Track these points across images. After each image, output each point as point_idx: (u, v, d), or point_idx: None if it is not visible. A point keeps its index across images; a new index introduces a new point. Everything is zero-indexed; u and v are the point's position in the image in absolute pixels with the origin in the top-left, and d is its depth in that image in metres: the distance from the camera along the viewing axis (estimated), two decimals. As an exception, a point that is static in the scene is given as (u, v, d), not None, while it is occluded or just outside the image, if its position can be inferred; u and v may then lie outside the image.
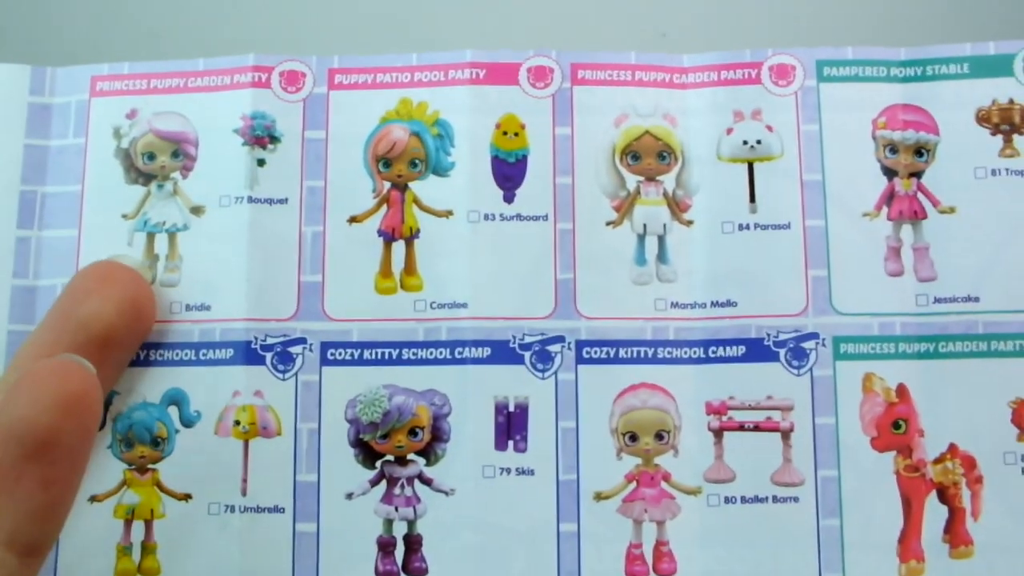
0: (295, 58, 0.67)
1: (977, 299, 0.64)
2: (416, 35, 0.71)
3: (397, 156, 0.66)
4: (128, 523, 0.63)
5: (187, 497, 0.63)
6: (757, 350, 0.64)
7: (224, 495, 0.62)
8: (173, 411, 0.63)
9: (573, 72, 0.67)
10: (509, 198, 0.65)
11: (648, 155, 0.66)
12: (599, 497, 0.63)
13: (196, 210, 0.65)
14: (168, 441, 0.63)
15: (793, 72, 0.67)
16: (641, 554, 0.63)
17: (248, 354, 0.63)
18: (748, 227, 0.65)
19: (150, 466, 0.63)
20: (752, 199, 0.66)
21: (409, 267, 0.65)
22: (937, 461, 0.63)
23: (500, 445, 0.63)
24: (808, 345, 0.64)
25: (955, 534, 0.63)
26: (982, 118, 0.66)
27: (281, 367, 0.63)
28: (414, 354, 0.64)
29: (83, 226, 0.66)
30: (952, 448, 0.63)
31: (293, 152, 0.66)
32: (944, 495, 0.63)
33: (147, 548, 0.63)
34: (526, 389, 0.64)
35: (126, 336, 0.61)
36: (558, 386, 0.64)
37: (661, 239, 0.65)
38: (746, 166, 0.66)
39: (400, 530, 0.63)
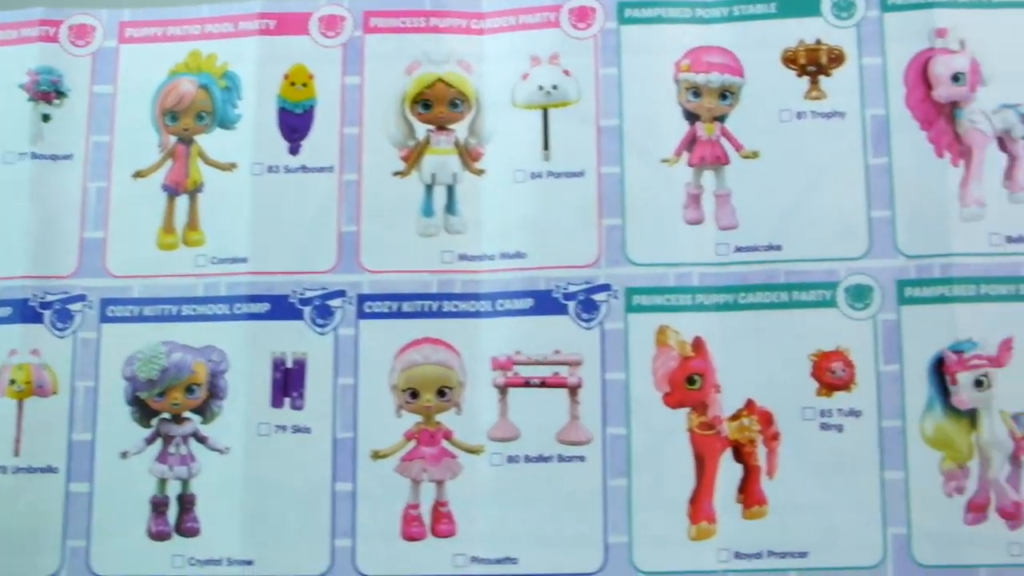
0: (85, 11, 0.67)
1: (779, 247, 0.62)
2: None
3: (184, 109, 0.65)
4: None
5: (-41, 458, 0.63)
6: (545, 303, 0.62)
7: (-4, 455, 0.62)
8: (-51, 371, 0.63)
9: (365, 20, 0.66)
10: (295, 149, 0.65)
11: (440, 103, 0.65)
12: (376, 456, 0.62)
13: (-22, 168, 0.65)
14: (-57, 401, 0.63)
15: (593, 15, 0.65)
16: (419, 515, 0.61)
17: (25, 312, 0.63)
18: (540, 175, 0.63)
19: (-75, 426, 0.63)
20: (546, 146, 0.64)
21: (192, 222, 0.65)
22: (733, 418, 0.62)
23: (276, 402, 0.62)
24: (599, 297, 0.62)
25: (749, 493, 0.61)
26: (788, 59, 0.65)
27: (60, 325, 0.63)
28: (194, 310, 0.63)
29: None
30: (749, 404, 0.61)
31: (80, 107, 0.66)
32: (739, 453, 0.61)
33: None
34: (305, 345, 0.63)
35: None
36: (338, 341, 0.63)
37: (451, 189, 0.64)
38: (541, 112, 0.64)
39: (174, 489, 0.63)
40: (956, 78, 0.63)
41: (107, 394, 0.63)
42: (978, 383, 0.61)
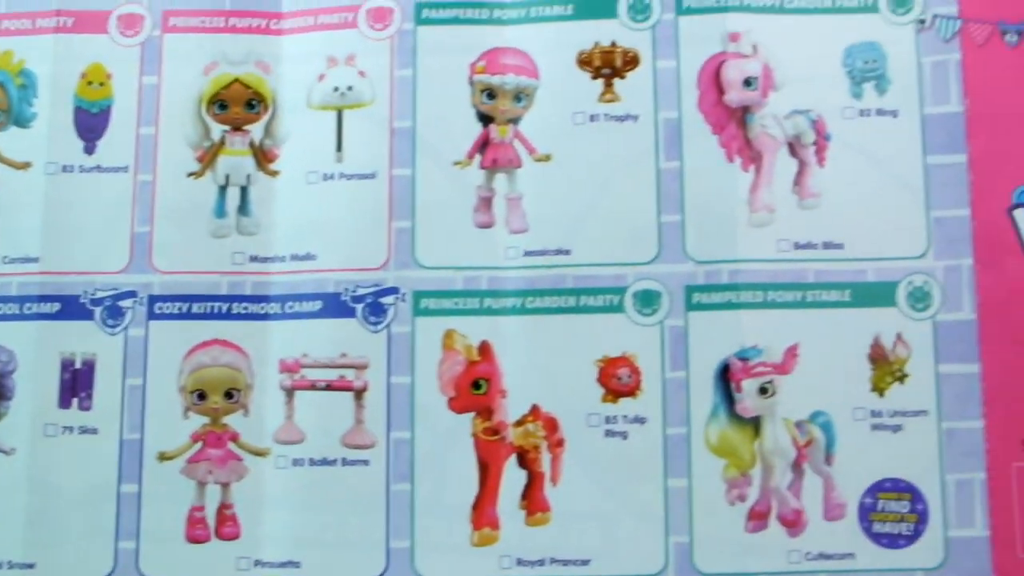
0: None
1: (568, 252, 0.62)
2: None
3: (-20, 107, 0.65)
4: None
5: None
6: (334, 306, 0.62)
7: None
8: None
9: (164, 19, 0.66)
10: (90, 149, 0.65)
11: (236, 104, 0.65)
12: (163, 457, 0.62)
13: None
14: None
15: (391, 15, 0.65)
16: (203, 517, 0.61)
17: None
18: (333, 177, 0.63)
19: None
20: (339, 148, 0.63)
21: (-16, 221, 0.64)
22: (518, 423, 0.62)
23: (64, 403, 0.62)
24: (387, 300, 0.62)
25: (532, 500, 0.61)
26: (583, 61, 0.64)
27: None
28: (-17, 310, 0.63)
29: None
30: (535, 409, 0.61)
31: None
32: (524, 459, 0.62)
33: None
34: (94, 346, 0.62)
35: None
36: (127, 342, 0.63)
37: (244, 190, 0.64)
38: (335, 114, 0.64)
39: (-42, 493, 0.62)
40: (748, 83, 0.63)
41: None
42: (762, 390, 0.61)
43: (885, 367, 0.61)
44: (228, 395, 0.62)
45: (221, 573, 0.61)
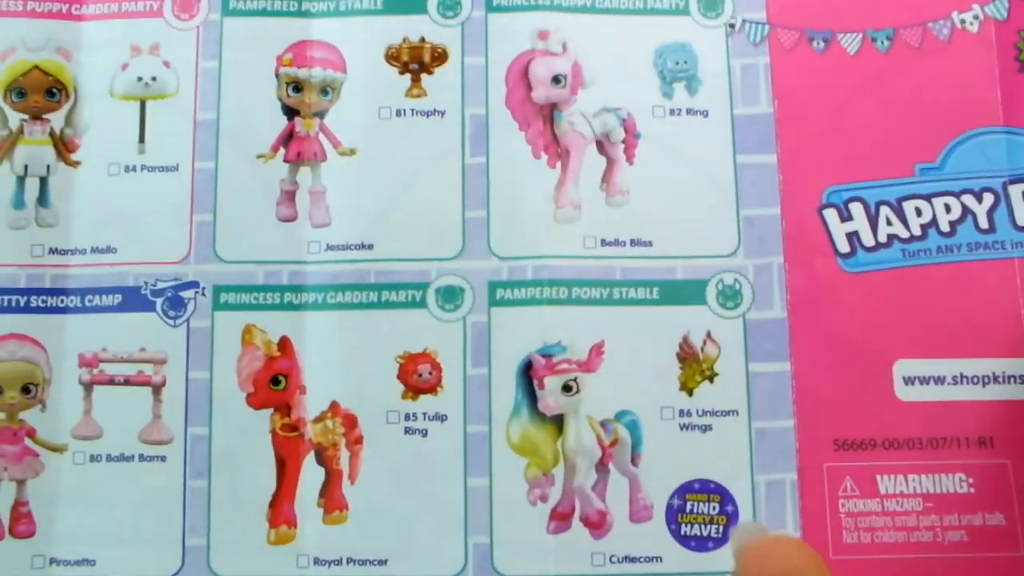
0: None
1: (371, 246, 0.64)
2: None
3: None
4: None
5: None
6: (133, 299, 0.64)
7: None
8: None
9: (-42, 3, 0.66)
10: None
11: (35, 92, 0.65)
12: (-45, 454, 0.62)
13: None
14: None
15: (197, 5, 0.66)
16: (-4, 515, 0.62)
17: None
18: (135, 169, 0.64)
19: None
20: (142, 139, 0.64)
21: None
22: (317, 420, 0.63)
23: None
24: (187, 294, 0.63)
25: (330, 498, 0.63)
26: (392, 56, 0.66)
27: None
28: None
29: None
30: (334, 406, 0.63)
31: None
32: (322, 456, 0.63)
33: None
34: None
35: None
36: (-79, 337, 0.63)
37: (44, 181, 0.65)
38: (139, 104, 0.65)
39: None
40: (557, 80, 0.65)
41: None
42: (566, 388, 0.63)
43: (694, 366, 0.63)
44: (25, 390, 0.63)
45: (16, 571, 0.62)
